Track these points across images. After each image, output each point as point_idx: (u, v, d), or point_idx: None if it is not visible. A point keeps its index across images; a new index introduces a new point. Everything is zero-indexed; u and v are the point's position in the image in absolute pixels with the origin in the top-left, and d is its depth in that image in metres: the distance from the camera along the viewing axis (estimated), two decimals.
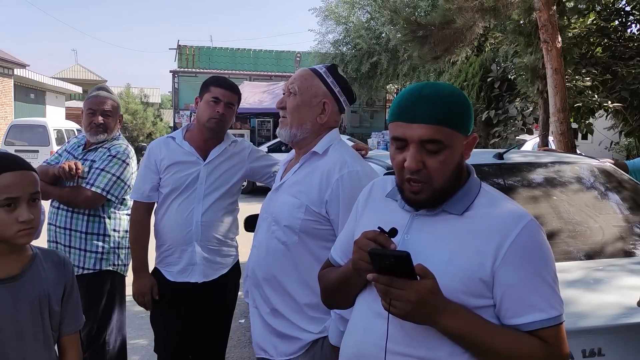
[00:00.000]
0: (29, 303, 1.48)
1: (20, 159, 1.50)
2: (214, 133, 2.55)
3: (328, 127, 1.95)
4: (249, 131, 18.38)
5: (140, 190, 2.58)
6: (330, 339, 1.73)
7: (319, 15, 21.09)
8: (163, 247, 2.56)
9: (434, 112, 1.22)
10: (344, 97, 1.94)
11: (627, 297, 1.91)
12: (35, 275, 1.51)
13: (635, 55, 7.15)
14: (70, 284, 1.59)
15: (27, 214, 1.42)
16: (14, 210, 1.41)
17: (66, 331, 1.59)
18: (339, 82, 1.94)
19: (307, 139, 1.93)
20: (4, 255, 1.46)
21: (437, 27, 6.64)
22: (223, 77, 2.65)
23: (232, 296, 2.72)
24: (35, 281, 1.50)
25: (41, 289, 1.51)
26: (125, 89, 23.11)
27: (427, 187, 1.25)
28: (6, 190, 1.40)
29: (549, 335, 1.18)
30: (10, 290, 1.45)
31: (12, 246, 1.46)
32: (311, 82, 1.93)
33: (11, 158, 1.48)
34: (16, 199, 1.41)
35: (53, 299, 1.53)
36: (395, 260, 1.13)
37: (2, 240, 1.43)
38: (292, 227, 1.85)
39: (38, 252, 1.56)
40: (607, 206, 2.74)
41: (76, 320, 1.62)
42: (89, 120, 2.80)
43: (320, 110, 1.91)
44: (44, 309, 1.51)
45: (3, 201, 1.40)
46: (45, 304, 1.51)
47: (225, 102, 2.51)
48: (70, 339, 1.60)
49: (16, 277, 1.47)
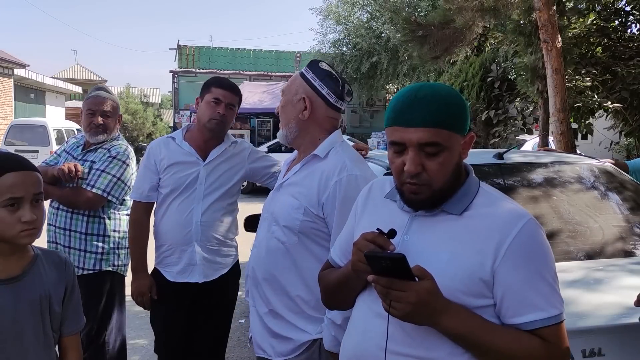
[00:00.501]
0: (30, 303, 1.48)
1: (24, 159, 1.50)
2: (214, 134, 2.55)
3: (320, 125, 1.92)
4: (249, 131, 18.39)
5: (140, 190, 2.58)
6: (325, 345, 1.73)
7: (319, 14, 21.11)
8: (163, 247, 2.57)
9: (431, 114, 1.22)
10: (326, 89, 1.89)
11: (627, 297, 1.90)
12: (37, 275, 1.51)
13: (635, 55, 7.15)
14: (71, 284, 1.59)
15: (30, 215, 1.42)
16: (17, 210, 1.41)
17: (67, 332, 1.59)
18: (320, 76, 1.91)
19: (299, 137, 1.94)
20: (5, 255, 1.46)
21: (437, 27, 6.63)
22: (224, 78, 2.65)
23: (231, 296, 2.72)
24: (37, 282, 1.50)
25: (42, 290, 1.50)
26: (125, 89, 23.11)
27: (426, 189, 1.25)
28: (9, 191, 1.40)
29: (550, 334, 1.18)
30: (12, 290, 1.45)
31: (14, 247, 1.46)
32: (293, 82, 1.96)
33: (15, 158, 1.47)
34: (19, 199, 1.41)
35: (54, 300, 1.53)
36: (391, 262, 1.13)
37: (5, 240, 1.43)
38: (291, 227, 1.85)
39: (39, 253, 1.55)
40: (607, 206, 2.74)
41: (77, 321, 1.62)
42: (88, 120, 2.80)
43: (302, 107, 1.90)
44: (45, 310, 1.51)
45: (6, 201, 1.40)
46: (46, 304, 1.51)
47: (226, 103, 2.51)
48: (70, 339, 1.60)
49: (17, 278, 1.47)
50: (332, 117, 1.94)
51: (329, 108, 1.92)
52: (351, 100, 2.03)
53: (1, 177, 1.39)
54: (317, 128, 1.92)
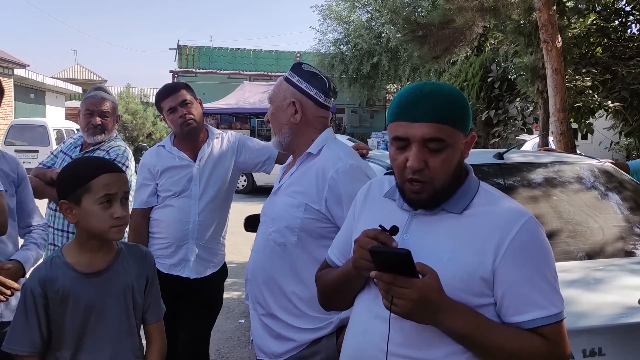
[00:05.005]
0: (115, 295, 1.63)
1: (114, 163, 1.75)
2: (194, 134, 2.63)
3: (312, 126, 1.94)
4: (249, 131, 18.39)
5: (140, 198, 2.67)
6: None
7: (320, 13, 21.09)
8: (159, 239, 2.62)
9: (436, 110, 1.22)
10: (314, 89, 1.91)
11: (627, 296, 1.91)
12: (121, 269, 1.66)
13: (635, 55, 7.15)
14: (152, 276, 1.75)
15: (121, 211, 1.58)
16: (110, 207, 1.57)
17: (150, 320, 1.74)
18: (305, 78, 1.93)
19: (293, 142, 1.95)
20: (94, 251, 1.62)
21: (437, 27, 6.63)
22: (162, 88, 2.69)
23: (216, 292, 2.77)
24: (121, 274, 1.65)
25: (126, 282, 1.65)
26: (125, 89, 23.05)
27: (428, 187, 1.25)
28: (105, 188, 1.56)
29: (550, 332, 1.18)
30: (99, 283, 1.61)
31: (102, 242, 1.62)
32: (279, 88, 1.97)
33: (107, 162, 1.70)
34: (113, 195, 1.57)
35: (136, 291, 1.68)
36: (396, 258, 1.12)
37: (96, 235, 1.59)
38: (291, 227, 1.85)
39: (123, 247, 1.71)
40: (607, 206, 2.74)
41: (158, 310, 1.77)
42: (86, 121, 2.79)
43: (293, 111, 1.92)
44: (129, 300, 1.66)
45: (102, 198, 1.56)
46: (130, 295, 1.66)
47: (179, 105, 2.58)
48: (154, 326, 1.75)
49: (103, 271, 1.62)
50: (322, 117, 1.96)
51: (318, 108, 1.94)
52: (336, 99, 2.04)
53: (97, 178, 1.56)
54: (310, 129, 1.94)
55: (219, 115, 19.09)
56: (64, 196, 1.59)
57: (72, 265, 1.60)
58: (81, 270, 1.60)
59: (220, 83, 23.31)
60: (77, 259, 1.61)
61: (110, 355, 1.62)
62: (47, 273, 1.58)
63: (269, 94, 2.06)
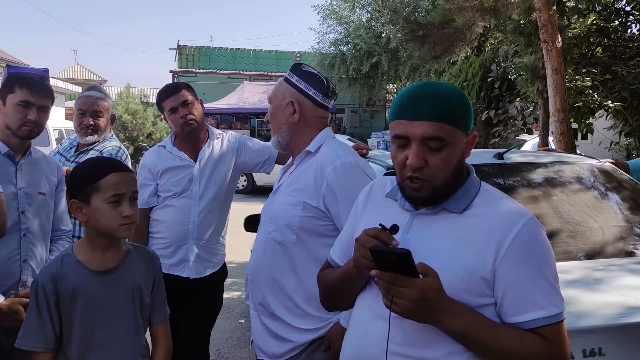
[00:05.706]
0: (124, 294, 1.66)
1: (123, 163, 1.77)
2: (195, 134, 2.64)
3: (311, 125, 1.94)
4: (249, 131, 18.40)
5: (140, 199, 2.64)
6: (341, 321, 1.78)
7: (320, 13, 21.07)
8: (159, 239, 2.62)
9: (436, 109, 1.23)
10: (312, 89, 1.93)
11: (627, 296, 1.91)
12: (129, 268, 1.69)
13: (635, 55, 7.15)
14: (159, 277, 1.78)
15: (130, 210, 1.61)
16: (119, 206, 1.60)
17: (156, 320, 1.76)
18: (304, 78, 1.94)
19: (292, 141, 1.96)
20: (103, 250, 1.65)
21: (437, 27, 6.63)
22: (164, 88, 2.69)
23: (216, 292, 2.77)
24: (129, 274, 1.68)
25: (134, 282, 1.68)
26: (125, 89, 23.02)
27: (427, 185, 1.25)
28: (114, 188, 1.59)
29: (550, 332, 1.19)
30: (108, 281, 1.63)
31: (111, 241, 1.65)
32: (279, 88, 1.99)
33: (116, 162, 1.73)
34: (122, 195, 1.60)
35: (144, 291, 1.70)
36: (396, 257, 1.13)
37: (105, 233, 1.62)
38: (290, 225, 1.85)
39: (131, 248, 1.74)
40: (607, 206, 2.74)
41: (164, 311, 1.79)
42: (78, 120, 2.76)
43: (291, 110, 1.93)
44: (136, 300, 1.68)
45: (111, 197, 1.59)
46: (137, 295, 1.68)
47: (180, 105, 2.58)
48: (160, 327, 1.77)
49: (113, 270, 1.65)
50: (321, 116, 1.97)
51: (317, 108, 1.95)
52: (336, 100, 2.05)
53: (106, 177, 1.59)
54: (308, 129, 1.95)
55: (219, 115, 19.10)
56: (74, 196, 1.62)
57: (83, 263, 1.63)
58: (92, 268, 1.63)
59: (220, 83, 23.29)
60: (88, 257, 1.64)
61: (118, 353, 1.64)
62: (58, 270, 1.60)
63: (268, 94, 2.06)
